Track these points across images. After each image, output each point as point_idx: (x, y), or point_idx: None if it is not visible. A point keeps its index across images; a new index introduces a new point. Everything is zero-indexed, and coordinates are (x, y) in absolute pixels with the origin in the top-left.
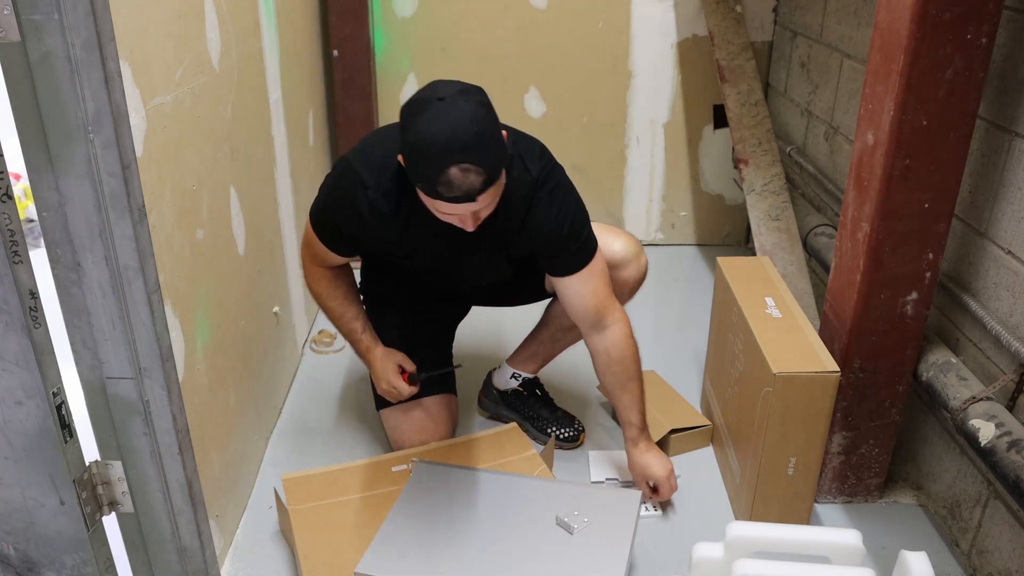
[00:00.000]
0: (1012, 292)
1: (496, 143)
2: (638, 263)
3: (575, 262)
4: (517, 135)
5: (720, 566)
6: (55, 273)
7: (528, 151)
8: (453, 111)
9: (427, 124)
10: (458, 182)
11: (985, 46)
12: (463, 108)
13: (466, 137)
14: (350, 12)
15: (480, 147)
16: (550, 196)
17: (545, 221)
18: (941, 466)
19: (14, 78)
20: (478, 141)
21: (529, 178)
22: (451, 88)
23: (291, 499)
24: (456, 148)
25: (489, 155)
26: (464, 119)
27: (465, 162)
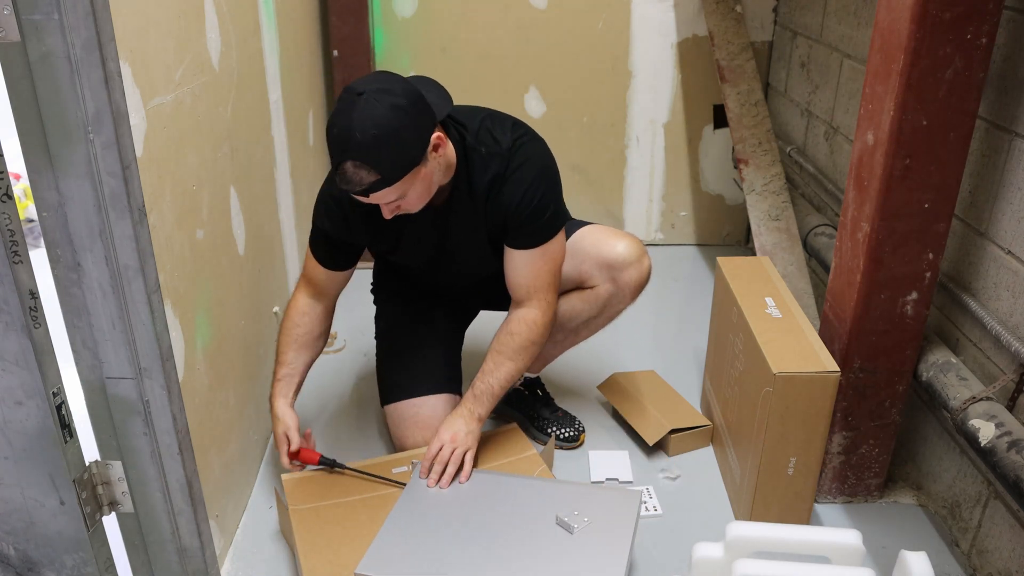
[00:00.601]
0: (1012, 292)
1: (398, 148)
2: (640, 265)
3: (531, 240)
4: (491, 113)
5: (720, 566)
6: (55, 273)
7: (498, 125)
8: (361, 109)
9: (336, 116)
10: (350, 176)
11: (985, 46)
12: (372, 108)
13: (362, 138)
14: (350, 12)
15: (375, 149)
16: (521, 169)
17: (515, 194)
18: (941, 466)
19: (14, 78)
20: (374, 144)
21: (500, 149)
22: (376, 83)
23: (291, 499)
24: (352, 146)
25: (385, 158)
26: (367, 119)
27: (358, 159)
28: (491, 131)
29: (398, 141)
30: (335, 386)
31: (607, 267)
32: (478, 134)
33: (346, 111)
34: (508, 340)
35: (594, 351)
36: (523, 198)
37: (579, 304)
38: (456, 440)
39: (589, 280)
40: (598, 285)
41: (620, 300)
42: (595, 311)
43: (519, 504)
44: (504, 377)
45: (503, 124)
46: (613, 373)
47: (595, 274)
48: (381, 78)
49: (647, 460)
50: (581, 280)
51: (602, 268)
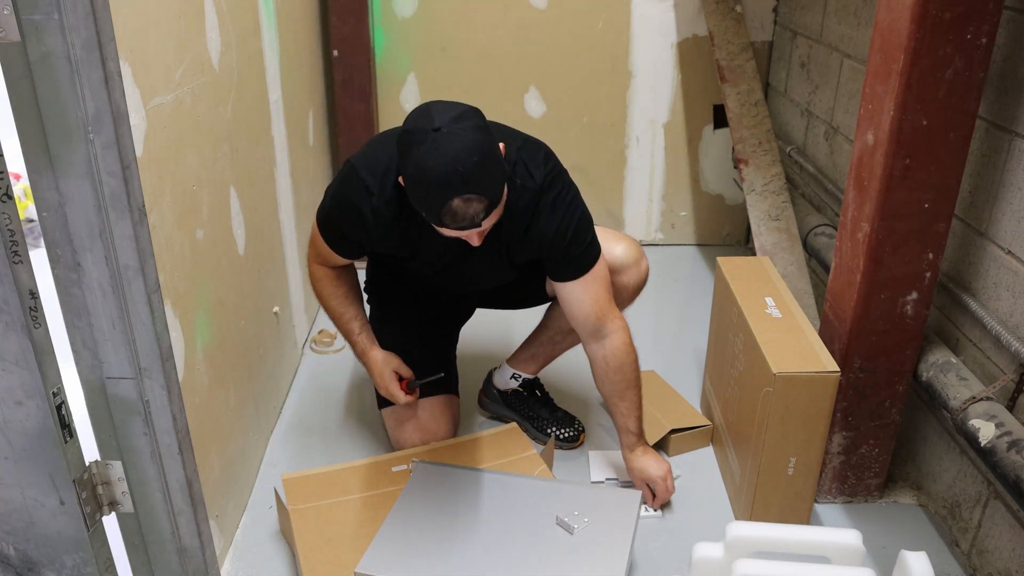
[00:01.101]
0: (1012, 292)
1: (496, 167)
2: (639, 268)
3: (577, 268)
4: (522, 140)
5: (720, 566)
6: (55, 273)
7: (532, 157)
8: (451, 143)
9: (425, 157)
10: (461, 212)
11: (985, 46)
12: (461, 138)
13: (466, 169)
14: (350, 12)
15: (481, 177)
16: (554, 203)
17: (548, 228)
18: (941, 466)
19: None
20: (479, 171)
21: (533, 184)
22: (446, 115)
23: (291, 499)
24: (457, 181)
25: (490, 182)
26: (463, 150)
27: (467, 193)
28: (526, 163)
29: (494, 161)
30: (335, 386)
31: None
32: (514, 164)
33: (435, 149)
34: (620, 378)
35: None
36: (556, 233)
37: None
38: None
39: None
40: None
41: (618, 302)
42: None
43: (519, 504)
44: (637, 404)
45: (535, 155)
46: None
47: None
48: (442, 108)
49: None
50: None
51: None
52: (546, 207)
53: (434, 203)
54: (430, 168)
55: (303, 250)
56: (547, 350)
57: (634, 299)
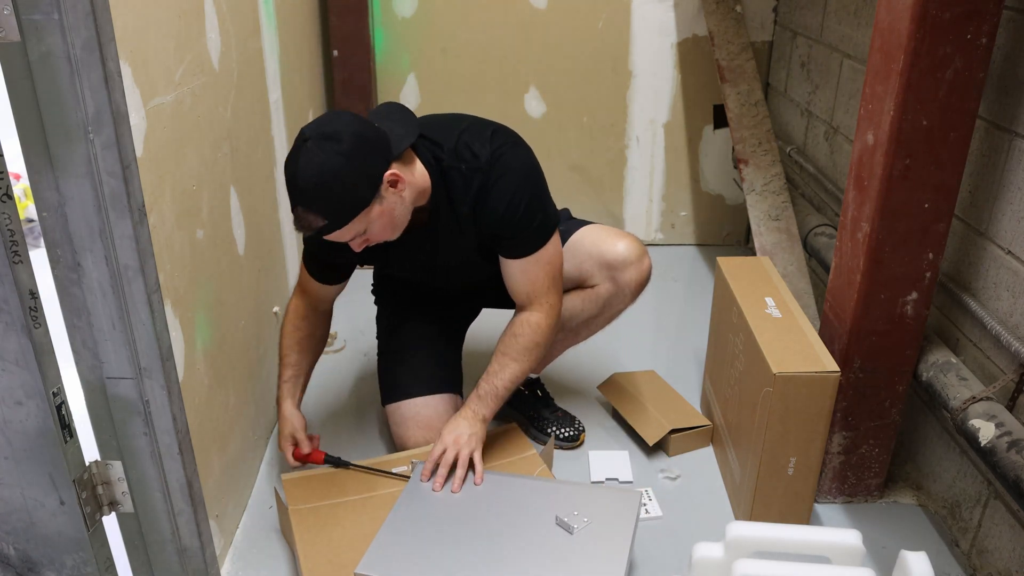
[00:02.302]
0: (1012, 292)
1: (343, 194)
2: (640, 265)
3: (523, 248)
4: (468, 124)
5: (720, 566)
6: (55, 273)
7: (477, 137)
8: (304, 157)
9: (287, 161)
10: (302, 220)
11: (985, 46)
12: (314, 157)
13: (304, 186)
14: (350, 12)
15: (317, 198)
16: (501, 180)
17: (499, 205)
18: (941, 466)
19: (14, 78)
20: (316, 193)
21: (478, 163)
22: (322, 127)
23: (291, 499)
24: (296, 192)
25: (329, 206)
26: (309, 168)
27: (304, 205)
28: (470, 146)
29: (340, 186)
30: (335, 386)
31: (607, 267)
32: (456, 151)
33: (293, 158)
34: (512, 342)
35: (594, 351)
36: (508, 208)
37: (579, 304)
38: (459, 442)
39: (589, 280)
40: (598, 285)
41: (620, 300)
42: (595, 311)
43: (519, 504)
44: (509, 378)
45: (482, 136)
46: (613, 373)
47: (595, 274)
48: (331, 120)
49: (647, 460)
50: (581, 280)
51: (602, 268)
52: (494, 185)
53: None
54: (286, 171)
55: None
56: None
57: (637, 296)
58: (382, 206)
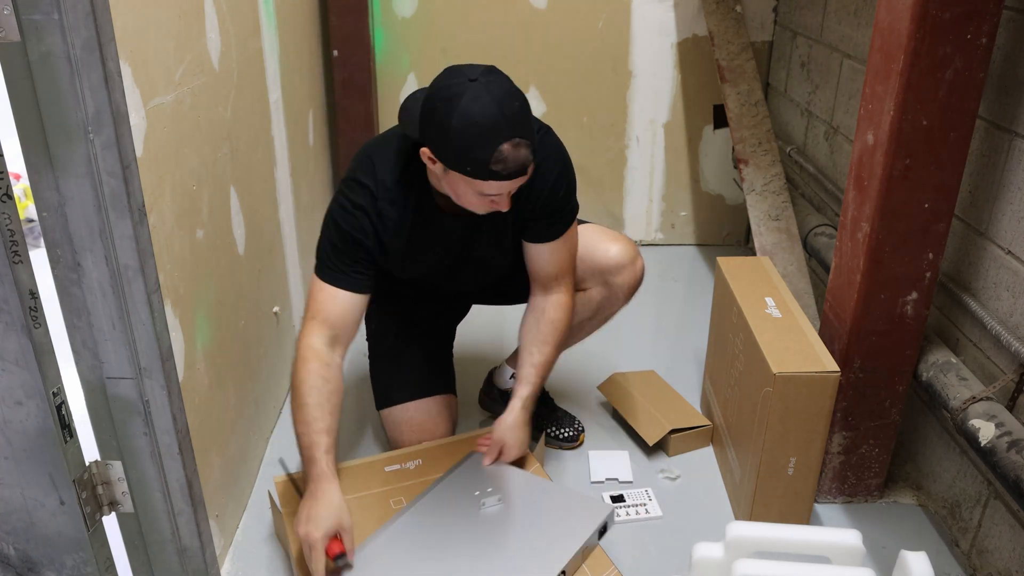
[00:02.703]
0: (1012, 292)
1: (531, 117)
2: (634, 268)
3: (555, 232)
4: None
5: (720, 566)
6: (55, 273)
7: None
8: (493, 89)
9: (471, 105)
10: (512, 157)
11: (985, 46)
12: (500, 85)
13: (511, 112)
14: (350, 12)
15: (524, 120)
16: (547, 162)
17: (543, 187)
18: (941, 466)
19: (14, 78)
20: (522, 115)
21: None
22: (474, 69)
23: (284, 502)
24: (505, 125)
25: (531, 127)
26: (506, 95)
27: (515, 136)
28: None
29: (529, 108)
30: None
31: (599, 271)
32: None
33: (479, 97)
34: (550, 328)
35: (594, 351)
36: (553, 189)
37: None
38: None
39: (581, 283)
40: (590, 288)
41: (613, 303)
42: (589, 313)
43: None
44: (544, 363)
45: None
46: (613, 373)
47: (587, 277)
48: (463, 67)
49: (647, 460)
50: (576, 283)
51: (594, 272)
52: (541, 164)
53: (484, 151)
54: (479, 114)
55: (303, 250)
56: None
57: (630, 298)
58: None
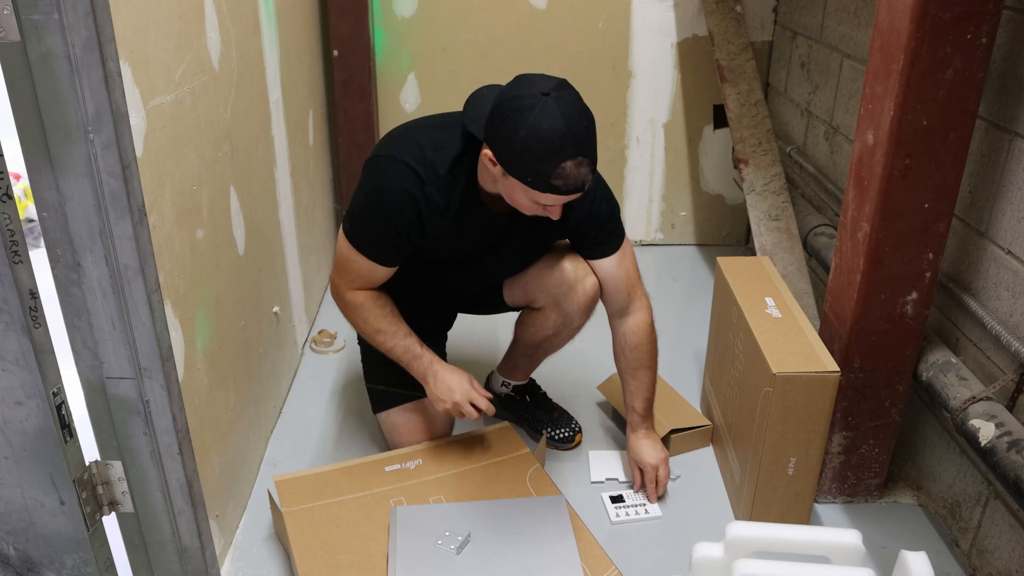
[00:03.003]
0: (1012, 292)
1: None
2: (583, 285)
3: (614, 243)
4: None
5: (720, 566)
6: (55, 273)
7: None
8: (563, 107)
9: (541, 121)
10: (573, 175)
11: (985, 46)
12: (570, 103)
13: (578, 131)
14: (350, 12)
15: (590, 140)
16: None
17: (588, 203)
18: (941, 466)
19: (14, 78)
20: (589, 134)
21: None
22: (547, 82)
23: (284, 501)
24: (571, 143)
25: (595, 146)
26: (575, 114)
27: (578, 155)
28: None
29: (594, 128)
30: (335, 386)
31: (547, 291)
32: None
33: (549, 113)
34: (635, 356)
35: (594, 351)
36: (600, 207)
37: (532, 327)
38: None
39: (534, 302)
40: (544, 307)
41: (571, 319)
42: (551, 331)
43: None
44: (648, 385)
45: None
46: (613, 373)
47: (538, 297)
48: (539, 78)
49: None
50: (528, 301)
51: (543, 292)
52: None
53: (547, 165)
54: (546, 130)
55: (303, 250)
56: (526, 361)
57: (589, 314)
58: None
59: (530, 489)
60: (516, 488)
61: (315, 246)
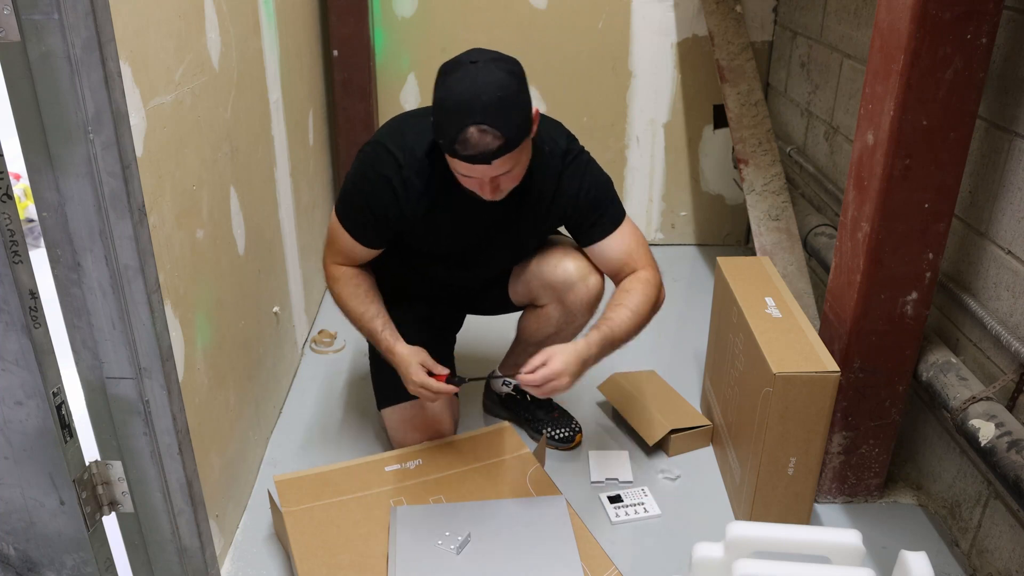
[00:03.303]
0: (1012, 292)
1: (519, 112)
2: (585, 284)
3: (612, 223)
4: (545, 118)
5: (720, 566)
6: (55, 273)
7: (555, 128)
8: (481, 74)
9: (455, 83)
10: (474, 141)
11: (985, 46)
12: (492, 73)
13: (487, 99)
14: (350, 12)
15: (500, 111)
16: (576, 165)
17: (581, 185)
18: (941, 466)
19: (14, 78)
20: (499, 105)
21: (558, 149)
22: (487, 54)
23: (284, 501)
24: (477, 108)
25: (508, 121)
26: (490, 83)
27: (484, 123)
28: (550, 131)
29: (519, 104)
30: (335, 386)
31: (551, 288)
32: (541, 131)
33: (467, 77)
34: (627, 294)
35: None
36: (590, 189)
37: (535, 324)
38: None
39: (538, 300)
40: (547, 305)
41: (573, 317)
42: (553, 329)
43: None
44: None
45: (558, 127)
46: (613, 373)
47: (541, 294)
48: (484, 52)
49: (647, 460)
50: (532, 299)
51: (546, 288)
52: (571, 169)
53: (453, 128)
54: (456, 92)
55: (303, 250)
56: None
57: (591, 312)
58: (529, 140)
59: (530, 489)
60: (516, 488)
61: (315, 246)
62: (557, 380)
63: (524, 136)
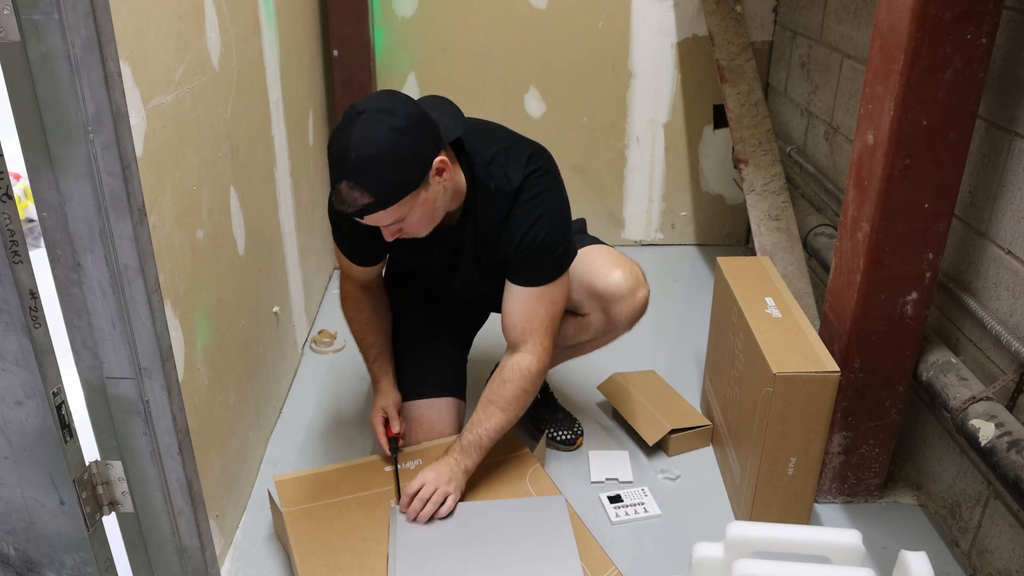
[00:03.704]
0: (1012, 292)
1: (395, 170)
2: (633, 299)
3: (531, 278)
4: (509, 143)
5: (720, 566)
6: (55, 273)
7: (514, 160)
8: (359, 128)
9: (337, 134)
10: (345, 196)
11: (985, 46)
12: (370, 129)
13: (357, 158)
14: (350, 12)
15: (369, 171)
16: (528, 206)
17: (519, 231)
18: (941, 466)
19: (14, 78)
20: (368, 165)
21: (509, 187)
22: (379, 102)
23: (284, 501)
24: (347, 165)
25: (379, 180)
26: (364, 140)
27: (352, 180)
28: (504, 167)
29: (394, 163)
30: (335, 386)
31: (598, 297)
32: (489, 167)
33: (345, 130)
34: (500, 389)
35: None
36: (525, 236)
37: (571, 330)
38: (439, 480)
39: (580, 308)
40: (589, 314)
41: (613, 329)
42: (588, 337)
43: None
44: (494, 429)
45: (518, 159)
46: (613, 373)
47: (585, 303)
48: (386, 97)
49: (647, 460)
50: (573, 307)
51: (592, 298)
52: (519, 210)
53: (331, 178)
54: (333, 144)
55: (303, 250)
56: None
57: (631, 326)
58: (427, 193)
59: (530, 489)
60: (516, 488)
61: (315, 246)
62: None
63: (400, 195)
